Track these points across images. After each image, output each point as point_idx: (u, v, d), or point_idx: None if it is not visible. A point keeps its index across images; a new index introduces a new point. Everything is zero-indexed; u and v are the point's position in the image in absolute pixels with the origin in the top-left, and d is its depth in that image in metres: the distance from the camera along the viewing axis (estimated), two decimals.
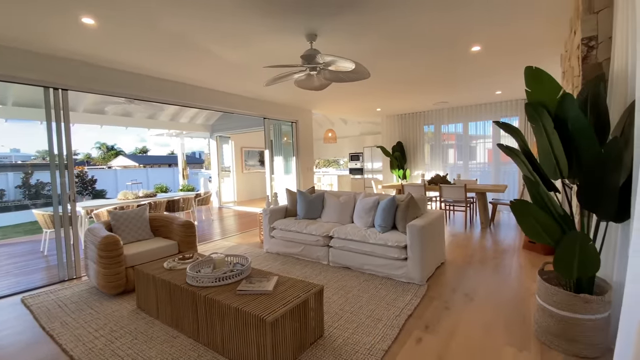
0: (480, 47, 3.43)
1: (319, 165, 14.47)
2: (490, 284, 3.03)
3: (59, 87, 3.43)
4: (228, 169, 9.76)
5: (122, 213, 3.42)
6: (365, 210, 3.53)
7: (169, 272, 2.46)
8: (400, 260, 3.06)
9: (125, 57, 3.46)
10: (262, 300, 1.94)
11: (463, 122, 7.39)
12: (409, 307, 2.55)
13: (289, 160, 7.00)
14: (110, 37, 2.89)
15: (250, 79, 4.45)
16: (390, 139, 8.42)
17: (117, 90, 3.90)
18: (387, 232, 3.23)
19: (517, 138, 2.21)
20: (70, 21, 2.56)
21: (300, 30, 2.83)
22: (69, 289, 3.19)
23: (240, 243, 4.85)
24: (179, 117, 8.15)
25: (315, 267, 3.57)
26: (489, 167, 7.19)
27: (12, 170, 12.67)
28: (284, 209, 4.39)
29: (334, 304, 2.62)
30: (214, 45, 3.17)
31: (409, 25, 2.79)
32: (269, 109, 6.10)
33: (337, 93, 5.43)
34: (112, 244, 2.83)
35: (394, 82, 4.84)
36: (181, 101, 4.64)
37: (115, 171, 16.41)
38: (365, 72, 2.96)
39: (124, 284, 2.92)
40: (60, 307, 2.76)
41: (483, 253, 3.99)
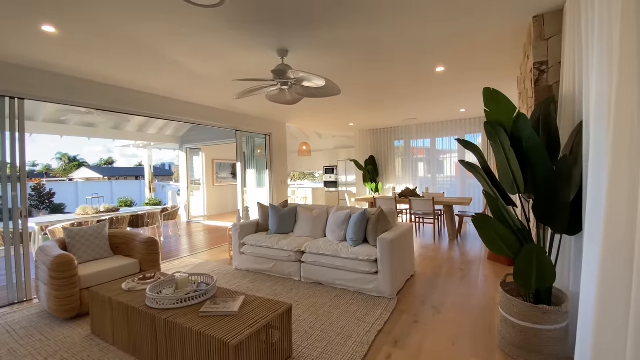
0: (444, 68, 3.62)
1: (294, 178, 14.43)
2: (457, 296, 3.10)
3: (15, 96, 3.21)
4: (198, 181, 9.46)
5: (79, 230, 3.19)
6: (338, 224, 3.54)
7: (127, 294, 2.31)
8: (371, 274, 3.07)
9: (88, 66, 3.31)
10: (227, 322, 1.86)
11: (431, 138, 7.69)
12: (379, 322, 2.55)
13: (262, 173, 6.92)
14: (72, 45, 2.76)
15: (221, 91, 4.39)
16: (363, 153, 8.59)
17: (79, 99, 3.70)
18: (359, 246, 3.24)
19: (477, 155, 2.32)
20: (30, 29, 2.42)
21: (271, 45, 2.85)
22: (18, 312, 2.91)
23: (208, 260, 4.67)
24: (147, 128, 7.85)
25: (287, 283, 3.50)
26: (456, 180, 7.50)
27: None
28: (256, 223, 4.30)
29: (304, 322, 2.57)
30: (182, 57, 3.11)
31: (377, 42, 2.89)
32: (242, 121, 6.04)
33: (310, 107, 5.49)
34: (65, 264, 2.62)
35: (364, 98, 4.97)
36: (148, 112, 4.48)
37: (76, 184, 15.42)
38: (336, 89, 3.01)
39: (78, 307, 2.70)
40: (8, 333, 2.51)
41: (451, 264, 4.10)
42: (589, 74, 1.64)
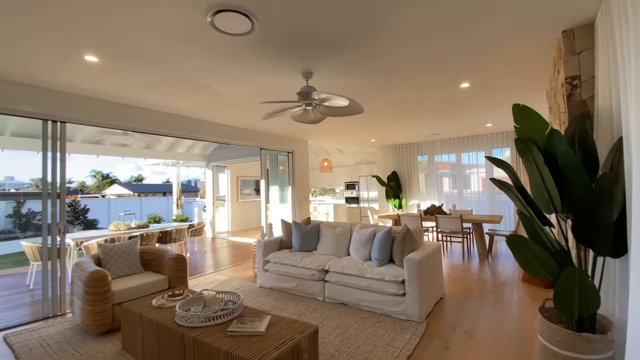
0: (469, 84, 3.58)
1: (315, 194, 14.47)
2: (491, 320, 2.94)
3: (57, 120, 3.47)
4: (223, 198, 9.70)
5: (113, 246, 3.33)
6: (362, 243, 3.49)
7: (157, 310, 2.36)
8: (398, 296, 2.98)
9: (124, 92, 3.54)
10: (253, 342, 1.85)
11: (456, 153, 7.53)
12: (408, 347, 2.44)
13: (284, 189, 7.00)
14: (111, 73, 2.98)
15: (247, 112, 4.55)
16: (385, 169, 8.51)
17: (115, 122, 3.95)
18: (384, 266, 3.16)
19: (509, 172, 2.24)
20: (74, 59, 2.64)
21: (296, 68, 2.94)
22: (52, 326, 3.03)
23: (232, 277, 4.71)
24: (176, 147, 8.22)
25: (311, 303, 3.45)
26: (484, 196, 7.24)
27: (4, 199, 12.48)
28: (279, 240, 4.32)
29: (329, 345, 2.51)
30: (212, 82, 3.27)
31: (399, 63, 2.92)
32: (266, 140, 6.20)
33: (332, 125, 5.56)
34: (99, 280, 2.73)
35: (387, 116, 4.98)
36: (178, 133, 4.70)
37: (109, 200, 16.23)
38: (359, 108, 3.04)
39: (110, 323, 2.79)
40: (42, 347, 2.61)
41: (482, 286, 3.91)
42: (626, 89, 1.57)
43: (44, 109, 3.34)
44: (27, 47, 2.42)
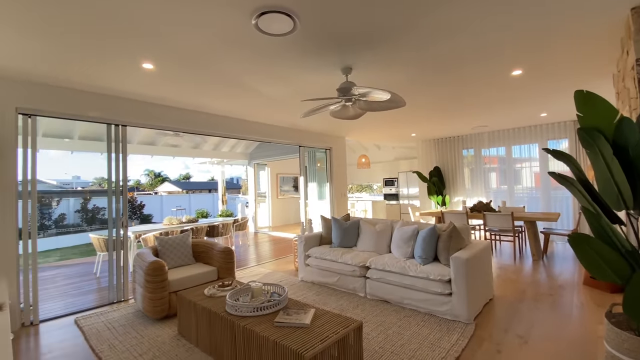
0: (521, 71, 3.32)
1: (352, 190, 14.39)
2: (548, 325, 2.73)
3: (119, 124, 3.82)
4: (264, 194, 10.04)
5: (168, 239, 3.61)
6: (404, 240, 3.41)
7: (209, 299, 2.52)
8: (444, 296, 2.88)
9: (175, 95, 3.80)
10: (299, 333, 1.90)
11: (505, 146, 7.04)
12: (456, 348, 2.36)
13: (322, 186, 7.06)
14: (165, 79, 3.21)
15: (287, 111, 4.65)
16: (426, 164, 8.22)
17: (168, 124, 4.26)
18: (429, 264, 3.07)
19: (571, 165, 2.05)
20: (133, 67, 2.89)
21: (336, 65, 2.95)
22: (117, 311, 3.36)
23: (275, 270, 4.87)
24: (221, 147, 8.65)
25: (352, 299, 3.46)
26: (538, 192, 6.70)
27: (73, 196, 14.00)
28: (319, 236, 4.38)
29: (373, 341, 2.50)
30: (256, 83, 3.39)
31: (445, 53, 2.79)
32: (304, 137, 6.29)
33: (371, 120, 5.48)
34: (158, 269, 2.97)
35: (429, 108, 4.79)
36: (224, 133, 4.94)
37: (161, 197, 17.55)
38: (401, 101, 2.97)
39: (167, 309, 3.03)
40: (109, 330, 2.91)
41: (536, 288, 3.64)
42: None
43: (107, 114, 3.69)
44: (94, 60, 2.69)
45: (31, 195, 3.21)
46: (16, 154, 3.11)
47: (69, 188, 19.75)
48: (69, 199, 12.80)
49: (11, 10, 1.96)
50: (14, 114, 3.10)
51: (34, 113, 3.24)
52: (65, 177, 23.41)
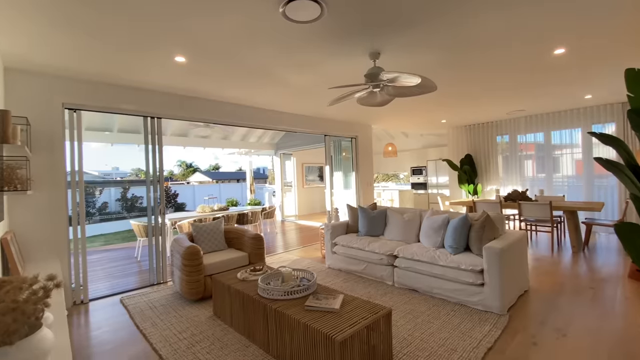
0: (564, 50, 3.09)
1: (378, 180, 14.23)
2: (588, 318, 2.59)
3: (154, 116, 4.00)
4: (290, 184, 10.18)
5: (202, 225, 3.78)
6: (434, 229, 3.35)
7: (242, 283, 2.63)
8: (475, 286, 2.81)
9: (205, 87, 3.91)
10: (329, 318, 1.95)
11: (544, 131, 6.62)
12: (488, 338, 2.31)
13: (348, 175, 7.03)
14: (195, 71, 3.31)
15: (313, 100, 4.64)
16: (457, 152, 7.93)
17: (198, 116, 4.40)
18: (460, 254, 3.00)
19: (620, 150, 1.90)
20: (166, 60, 3.00)
21: (364, 50, 2.89)
22: (157, 292, 3.60)
23: (302, 257, 4.96)
24: (248, 137, 8.83)
25: (379, 287, 3.47)
26: (579, 180, 6.27)
27: (114, 186, 14.93)
28: (345, 224, 4.39)
29: (402, 329, 2.50)
30: (283, 72, 3.40)
31: (479, 33, 2.65)
32: (330, 127, 6.27)
33: (399, 107, 5.35)
34: (194, 254, 3.14)
35: (462, 93, 4.59)
36: (251, 123, 5.03)
37: (193, 186, 18.31)
38: (432, 86, 2.87)
39: (203, 292, 3.20)
40: (150, 309, 3.12)
41: (576, 281, 3.45)
42: None
43: (143, 107, 3.87)
44: (130, 55, 2.82)
45: (78, 185, 3.47)
46: (64, 146, 3.35)
47: (109, 178, 21.08)
48: (110, 189, 13.69)
49: (59, 13, 2.09)
50: (61, 109, 3.33)
51: (79, 108, 3.47)
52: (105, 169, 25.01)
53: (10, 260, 2.40)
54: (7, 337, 1.01)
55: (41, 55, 2.77)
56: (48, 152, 3.23)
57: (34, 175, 3.10)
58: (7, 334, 1.02)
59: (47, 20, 2.21)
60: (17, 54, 2.74)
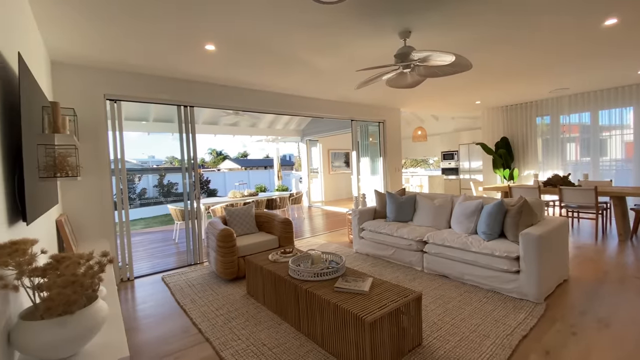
0: (617, 20, 2.79)
1: (406, 165, 13.91)
2: (634, 309, 2.43)
3: (187, 105, 4.14)
4: (316, 170, 10.23)
5: (234, 210, 3.93)
6: (466, 215, 3.25)
7: (273, 264, 2.72)
8: (510, 273, 2.72)
9: (234, 75, 3.97)
10: (358, 300, 1.98)
11: (590, 111, 6.11)
12: (523, 326, 2.24)
13: (375, 161, 6.93)
14: (224, 59, 3.36)
15: (340, 84, 4.58)
16: (492, 135, 7.54)
17: (229, 104, 4.50)
18: (494, 241, 2.90)
19: None
20: (197, 49, 3.07)
21: (393, 28, 2.78)
22: (194, 272, 3.82)
23: (330, 241, 5.03)
24: (275, 124, 8.92)
25: (408, 272, 3.45)
26: (629, 164, 5.77)
27: (151, 173, 15.78)
28: (373, 210, 4.37)
29: (432, 313, 2.49)
30: (310, 56, 3.37)
31: (521, 4, 2.46)
32: (357, 111, 6.17)
33: (429, 89, 5.15)
34: (228, 236, 3.28)
35: (499, 71, 4.32)
36: (278, 109, 5.07)
37: (223, 173, 18.94)
38: (467, 64, 2.72)
39: (236, 272, 3.36)
40: (189, 287, 3.33)
41: (622, 271, 3.23)
42: None
43: (177, 96, 4.02)
44: (164, 45, 2.91)
45: (121, 172, 3.71)
46: (107, 135, 3.57)
47: (146, 166, 22.27)
48: (147, 176, 14.49)
49: (101, 7, 2.19)
50: (103, 100, 3.54)
51: (119, 98, 3.67)
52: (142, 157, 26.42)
53: (65, 239, 2.64)
54: (68, 307, 1.13)
55: (84, 49, 2.94)
56: (93, 141, 3.46)
57: (82, 163, 3.35)
58: (68, 304, 1.13)
59: (90, 15, 2.32)
60: (62, 49, 2.93)
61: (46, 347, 1.09)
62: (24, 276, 1.14)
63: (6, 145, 1.36)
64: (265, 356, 2.04)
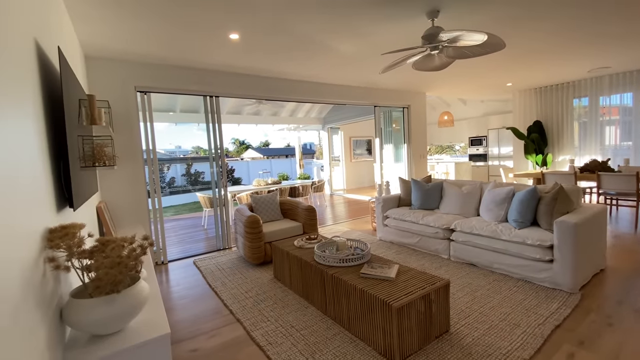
0: None
1: (431, 152, 13.55)
2: None
3: (212, 95, 4.22)
4: (338, 158, 10.19)
5: (260, 197, 4.02)
6: (496, 203, 3.14)
7: (299, 250, 2.78)
8: (543, 262, 2.62)
9: (257, 64, 3.98)
10: (384, 286, 1.99)
11: (633, 91, 5.64)
12: (556, 316, 2.17)
13: (399, 147, 6.80)
14: (248, 47, 3.38)
15: (362, 69, 4.48)
16: (524, 118, 7.16)
17: (251, 93, 4.54)
18: (526, 229, 2.80)
19: None
20: (221, 38, 3.10)
21: (420, 9, 2.67)
22: (224, 256, 3.97)
23: (352, 229, 5.04)
24: (297, 113, 8.92)
25: (434, 260, 3.41)
26: None
27: (179, 162, 16.35)
28: (397, 197, 4.32)
29: (459, 301, 2.47)
30: (332, 42, 3.31)
31: None
32: (380, 96, 6.04)
33: (458, 71, 4.94)
34: (255, 222, 3.38)
35: (534, 49, 4.06)
36: (300, 97, 5.07)
37: (247, 162, 19.32)
38: (500, 44, 2.58)
39: (263, 257, 3.46)
40: (219, 270, 3.48)
41: None
42: None
43: (203, 87, 4.10)
44: (190, 37, 2.96)
45: (153, 162, 3.87)
46: (139, 126, 3.73)
47: (174, 156, 23.08)
48: (176, 165, 15.04)
49: (131, 5, 2.26)
50: (134, 92, 3.68)
51: (149, 90, 3.79)
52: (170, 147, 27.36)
53: (105, 225, 2.82)
54: (115, 287, 1.22)
55: (115, 43, 3.05)
56: (126, 131, 3.62)
57: (116, 152, 3.53)
58: (114, 284, 1.22)
59: (120, 9, 2.40)
60: (95, 43, 3.05)
61: (96, 323, 1.18)
62: (74, 258, 1.24)
63: (52, 137, 1.46)
64: (293, 337, 2.11)
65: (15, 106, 1.03)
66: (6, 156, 0.91)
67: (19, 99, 1.07)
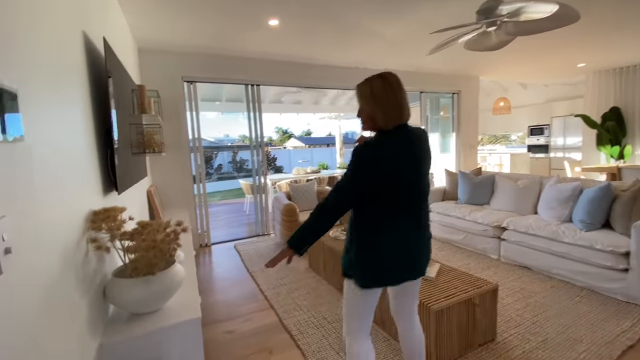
0: None
1: (483, 142, 12.56)
2: None
3: (254, 83, 4.26)
4: None
5: (298, 186, 4.03)
6: (559, 200, 2.78)
7: (334, 241, 2.72)
8: (615, 271, 2.26)
9: (298, 50, 3.91)
10: (423, 285, 1.85)
11: None
12: (629, 335, 1.87)
13: (446, 136, 6.35)
14: (288, 34, 3.31)
15: (408, 52, 4.20)
16: (598, 105, 6.25)
17: (291, 81, 4.50)
18: (595, 231, 2.43)
19: None
20: (260, 24, 3.06)
21: None
22: (262, 242, 4.07)
23: None
24: (338, 101, 8.74)
25: (481, 259, 3.15)
26: None
27: (226, 150, 17.15)
28: (442, 190, 4.05)
29: (508, 307, 2.23)
30: (375, 24, 3.12)
31: None
32: (427, 81, 5.64)
33: (519, 49, 4.38)
34: (291, 210, 3.39)
35: (614, 21, 3.45)
36: (342, 84, 4.91)
37: (289, 151, 19.66)
38: (573, 15, 2.21)
39: None
40: (257, 256, 3.57)
41: None
42: None
43: (245, 76, 4.15)
44: (230, 25, 2.98)
45: (199, 149, 4.04)
46: (186, 115, 3.89)
47: (222, 144, 24.26)
48: (223, 153, 15.80)
49: None
50: (181, 82, 3.83)
51: (195, 80, 3.93)
52: (218, 135, 28.79)
53: (154, 207, 3.00)
54: (150, 269, 1.26)
55: (165, 35, 3.18)
56: (174, 120, 3.81)
57: (165, 140, 3.73)
58: (150, 267, 1.26)
59: (167, 2, 2.47)
60: (147, 37, 3.21)
61: (133, 301, 1.24)
62: (115, 239, 1.30)
63: (99, 124, 1.53)
64: (325, 329, 2.07)
65: (69, 97, 1.11)
66: (63, 143, 1.00)
67: (71, 92, 1.15)
